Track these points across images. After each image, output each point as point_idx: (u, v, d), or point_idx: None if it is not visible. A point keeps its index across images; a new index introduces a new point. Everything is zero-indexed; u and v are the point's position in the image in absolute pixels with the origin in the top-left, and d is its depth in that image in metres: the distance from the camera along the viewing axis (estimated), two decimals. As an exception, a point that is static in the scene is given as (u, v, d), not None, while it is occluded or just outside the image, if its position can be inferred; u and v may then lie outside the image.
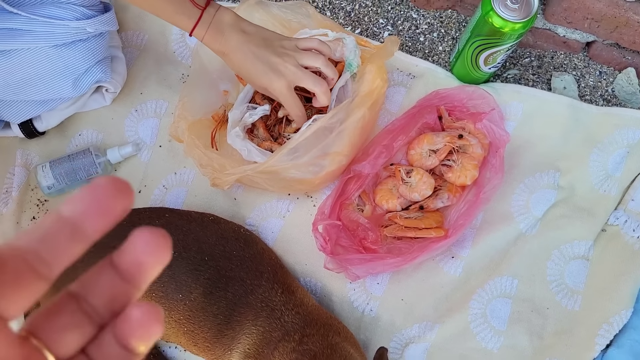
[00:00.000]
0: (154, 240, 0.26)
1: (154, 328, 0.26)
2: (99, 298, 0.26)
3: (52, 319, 0.26)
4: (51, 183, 0.94)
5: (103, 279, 0.26)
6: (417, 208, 0.90)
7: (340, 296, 0.90)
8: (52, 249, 0.24)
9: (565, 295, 0.88)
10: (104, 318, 0.27)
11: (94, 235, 0.25)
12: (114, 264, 0.26)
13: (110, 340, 0.27)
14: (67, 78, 0.87)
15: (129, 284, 0.27)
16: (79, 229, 0.24)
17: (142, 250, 0.26)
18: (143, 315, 0.26)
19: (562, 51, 1.01)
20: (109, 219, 0.25)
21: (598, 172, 0.92)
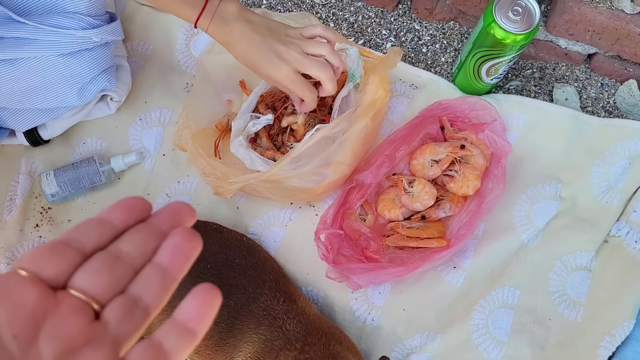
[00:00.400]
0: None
1: (193, 249, 0.28)
2: (133, 246, 0.29)
3: (84, 266, 0.28)
4: (55, 191, 0.94)
5: (137, 233, 0.29)
6: (419, 218, 0.90)
7: (342, 305, 0.90)
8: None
9: (568, 306, 0.87)
10: (138, 262, 0.29)
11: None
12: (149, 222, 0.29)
13: (148, 273, 0.28)
14: (72, 87, 0.88)
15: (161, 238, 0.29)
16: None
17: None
18: (182, 238, 0.28)
19: (563, 63, 1.01)
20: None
21: (600, 184, 0.92)
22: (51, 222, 0.97)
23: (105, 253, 0.28)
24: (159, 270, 0.28)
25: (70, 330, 0.26)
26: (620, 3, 0.84)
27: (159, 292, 0.28)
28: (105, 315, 0.27)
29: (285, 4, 1.07)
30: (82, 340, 0.26)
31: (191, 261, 0.29)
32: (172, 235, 0.29)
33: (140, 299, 0.27)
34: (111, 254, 0.28)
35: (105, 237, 0.29)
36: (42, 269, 0.27)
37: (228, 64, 0.95)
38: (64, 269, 0.27)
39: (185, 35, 1.04)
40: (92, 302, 0.27)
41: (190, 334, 0.27)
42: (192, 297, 0.28)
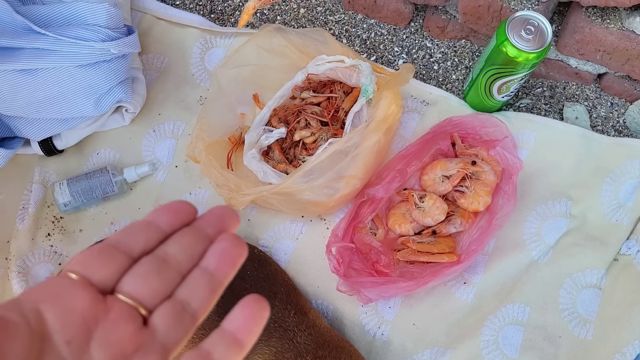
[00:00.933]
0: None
1: (239, 255, 0.29)
2: (180, 250, 0.29)
3: (132, 271, 0.28)
4: (67, 200, 0.95)
5: (183, 236, 0.29)
6: (430, 233, 0.91)
7: (351, 319, 0.90)
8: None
9: (578, 324, 0.87)
10: (185, 267, 0.29)
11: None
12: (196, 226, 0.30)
13: (195, 277, 0.28)
14: (89, 97, 0.89)
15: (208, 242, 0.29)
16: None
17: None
18: (229, 243, 0.29)
19: (574, 82, 1.02)
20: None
21: (610, 202, 0.92)
22: (63, 232, 0.97)
23: (152, 257, 0.28)
24: (206, 274, 0.28)
25: (121, 336, 0.26)
26: (631, 24, 0.86)
27: (207, 297, 0.28)
28: (153, 321, 0.27)
29: (299, 20, 1.09)
30: (133, 347, 0.26)
31: (237, 267, 0.29)
32: (219, 240, 0.29)
33: (187, 304, 0.27)
34: (158, 257, 0.28)
35: (153, 240, 0.29)
36: (92, 272, 0.27)
37: (242, 78, 0.97)
38: (113, 273, 0.27)
39: (200, 49, 1.06)
40: (141, 307, 0.27)
41: (238, 344, 0.27)
42: (241, 307, 0.28)
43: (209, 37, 1.06)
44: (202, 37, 1.06)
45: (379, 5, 1.05)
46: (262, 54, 0.96)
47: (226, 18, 1.10)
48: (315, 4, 1.10)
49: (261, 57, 0.96)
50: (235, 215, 0.31)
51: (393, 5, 1.03)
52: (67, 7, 0.87)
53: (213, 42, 1.06)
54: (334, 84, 0.96)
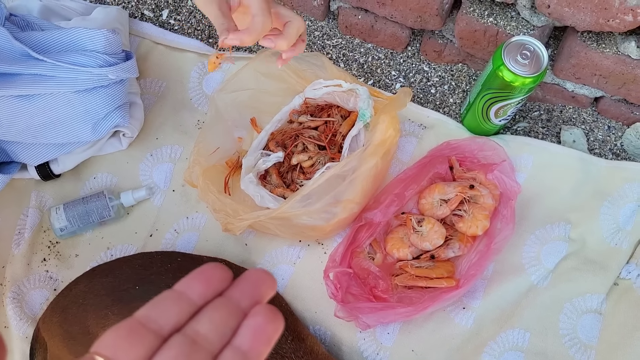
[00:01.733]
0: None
1: (275, 331, 0.27)
2: (211, 328, 0.27)
3: (161, 354, 0.26)
4: (64, 225, 0.94)
5: (215, 311, 0.28)
6: (428, 257, 0.90)
7: (349, 345, 0.89)
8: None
9: (579, 349, 0.86)
10: (217, 346, 0.27)
11: None
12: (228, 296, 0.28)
13: (227, 358, 0.27)
14: (87, 122, 0.89)
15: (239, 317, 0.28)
16: None
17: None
18: (263, 318, 0.27)
19: (570, 105, 1.02)
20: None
21: (609, 225, 0.92)
22: (58, 257, 0.96)
23: (182, 337, 0.26)
24: (238, 355, 0.27)
25: None
26: (626, 49, 0.86)
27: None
28: None
29: (296, 44, 1.10)
30: None
31: (272, 344, 0.27)
32: (252, 314, 0.27)
33: None
34: (189, 338, 0.26)
35: (183, 315, 0.27)
36: (119, 355, 0.25)
37: (240, 102, 0.97)
38: (142, 355, 0.26)
39: (198, 74, 1.06)
40: None
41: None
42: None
43: (207, 62, 1.06)
44: (200, 61, 1.07)
45: (376, 30, 1.05)
46: (259, 79, 0.96)
47: (224, 43, 1.11)
48: (313, 28, 1.10)
49: (259, 82, 0.96)
50: (272, 279, 0.29)
51: (390, 29, 1.04)
52: (65, 33, 0.88)
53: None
54: (332, 108, 0.97)
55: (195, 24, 1.12)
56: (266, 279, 0.29)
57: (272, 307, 0.28)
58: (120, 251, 0.96)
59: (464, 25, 0.95)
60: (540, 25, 0.90)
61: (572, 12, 0.83)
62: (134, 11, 1.13)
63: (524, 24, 0.91)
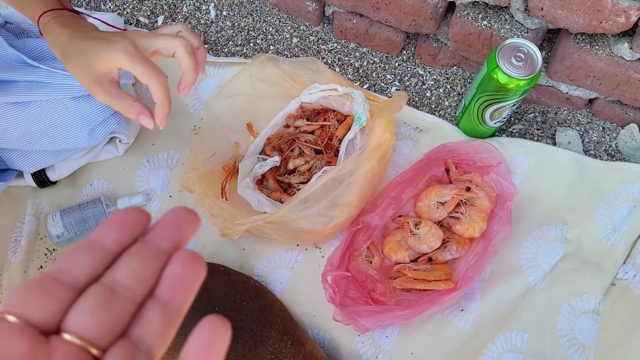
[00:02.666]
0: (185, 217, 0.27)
1: (195, 278, 0.26)
2: (130, 275, 0.25)
3: (78, 306, 0.24)
4: (61, 232, 0.94)
5: (133, 257, 0.26)
6: (426, 260, 0.90)
7: (348, 349, 0.89)
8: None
9: (577, 350, 0.86)
10: (138, 293, 0.25)
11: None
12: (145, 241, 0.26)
13: (149, 311, 0.25)
14: (83, 129, 0.89)
15: (161, 262, 0.26)
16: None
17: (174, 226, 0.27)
18: (182, 266, 0.26)
19: (565, 107, 1.03)
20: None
21: (605, 226, 0.92)
22: (55, 264, 0.96)
23: (99, 287, 0.25)
24: (159, 305, 0.25)
25: None
26: (619, 50, 0.87)
27: (162, 331, 0.25)
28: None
29: (292, 49, 1.10)
30: None
31: (194, 291, 0.26)
32: (172, 261, 0.26)
33: (142, 341, 0.25)
34: (106, 287, 0.25)
35: (99, 264, 0.25)
36: (31, 312, 0.23)
37: (236, 107, 0.97)
38: (56, 310, 0.24)
39: (194, 79, 1.06)
40: (90, 347, 0.24)
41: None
42: (197, 334, 0.25)
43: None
44: (196, 67, 1.07)
45: (370, 34, 1.06)
46: (255, 84, 0.97)
47: (219, 48, 1.11)
48: (308, 33, 1.11)
49: (255, 87, 0.97)
50: (194, 216, 0.27)
51: (385, 33, 1.04)
52: (61, 40, 0.88)
53: (207, 72, 1.07)
54: (328, 112, 0.97)
55: (191, 30, 1.12)
56: (187, 217, 0.27)
57: (191, 252, 0.26)
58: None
59: (458, 28, 0.95)
60: (534, 27, 0.91)
61: (565, 15, 0.84)
62: (129, 18, 1.13)
63: (518, 27, 0.92)
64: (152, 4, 1.14)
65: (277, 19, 1.12)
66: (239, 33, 1.12)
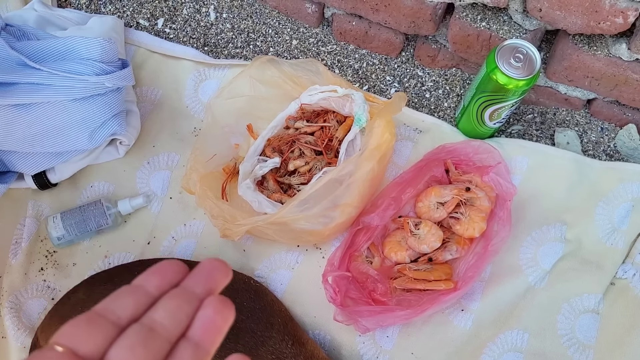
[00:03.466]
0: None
1: (224, 321, 0.29)
2: (167, 316, 0.28)
3: (119, 342, 0.27)
4: (61, 234, 0.94)
5: (171, 300, 0.29)
6: (426, 260, 0.90)
7: (349, 349, 0.89)
8: None
9: (577, 349, 0.87)
10: (173, 334, 0.28)
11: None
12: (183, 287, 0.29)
13: (181, 350, 0.28)
14: (83, 131, 0.89)
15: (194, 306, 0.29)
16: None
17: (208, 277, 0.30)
18: (213, 310, 0.29)
19: (564, 108, 1.04)
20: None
21: (604, 225, 0.93)
22: (56, 266, 0.96)
23: (139, 326, 0.27)
24: (191, 346, 0.28)
25: None
26: (617, 51, 0.87)
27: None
28: None
29: (291, 51, 1.10)
30: None
31: (223, 333, 0.29)
32: (204, 306, 0.29)
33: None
34: (145, 326, 0.27)
35: (141, 306, 0.28)
36: (78, 344, 0.26)
37: (236, 109, 0.97)
38: (100, 344, 0.27)
39: (194, 81, 1.07)
40: None
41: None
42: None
43: (203, 69, 1.07)
44: (196, 69, 1.07)
45: (370, 36, 1.06)
46: (255, 85, 0.97)
47: (219, 50, 1.11)
48: (308, 35, 1.11)
49: (255, 88, 0.97)
50: (225, 267, 0.31)
51: (384, 35, 1.05)
52: (62, 42, 0.88)
53: (207, 74, 1.07)
54: (327, 114, 0.97)
55: (191, 32, 1.12)
56: (220, 267, 0.30)
57: (222, 298, 0.29)
58: (118, 259, 0.96)
59: (457, 30, 0.96)
60: (533, 28, 0.91)
61: (563, 16, 0.84)
62: (129, 20, 1.13)
63: (517, 28, 0.92)
64: (152, 6, 1.14)
65: (276, 21, 1.12)
66: (238, 35, 1.12)
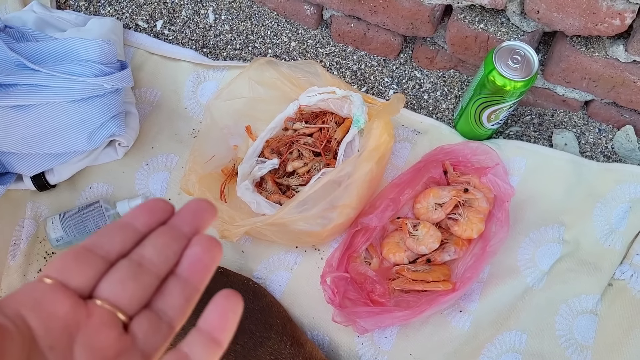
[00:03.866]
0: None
1: (212, 259, 0.29)
2: (155, 252, 0.29)
3: (109, 276, 0.27)
4: (60, 235, 0.94)
5: (159, 237, 0.29)
6: (424, 261, 0.91)
7: (347, 350, 0.89)
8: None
9: (575, 350, 0.87)
10: (162, 269, 0.29)
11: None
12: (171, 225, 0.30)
13: (170, 286, 0.28)
14: (82, 132, 0.89)
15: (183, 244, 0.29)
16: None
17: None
18: (201, 248, 0.29)
19: (561, 109, 1.04)
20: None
21: (602, 227, 0.93)
22: (55, 267, 0.96)
23: (128, 261, 0.28)
24: (180, 282, 0.29)
25: (104, 342, 0.26)
26: (614, 52, 0.88)
27: (182, 305, 0.28)
28: (133, 329, 0.27)
29: (290, 53, 1.11)
30: (114, 353, 0.26)
31: (212, 270, 0.29)
32: (192, 244, 0.29)
33: (164, 312, 0.28)
34: (134, 261, 0.28)
35: (129, 241, 0.29)
36: (69, 278, 0.27)
37: (235, 110, 0.98)
38: (90, 278, 0.27)
39: (193, 83, 1.07)
40: (120, 313, 0.27)
41: (215, 343, 0.28)
42: (213, 305, 0.28)
43: (202, 71, 1.07)
44: (195, 70, 1.08)
45: (368, 38, 1.07)
46: (254, 87, 0.97)
47: (218, 52, 1.12)
48: (306, 37, 1.11)
49: (253, 90, 0.97)
50: (212, 207, 0.31)
51: (382, 37, 1.05)
52: (61, 44, 0.88)
53: (205, 76, 1.07)
54: (326, 115, 0.97)
55: (190, 34, 1.13)
56: (206, 207, 0.30)
57: (210, 237, 0.29)
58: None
59: (455, 31, 0.96)
60: (530, 30, 0.92)
61: (561, 17, 0.84)
62: (128, 22, 1.14)
63: (514, 30, 0.92)
64: (151, 8, 1.14)
65: (275, 22, 1.13)
66: (237, 37, 1.12)
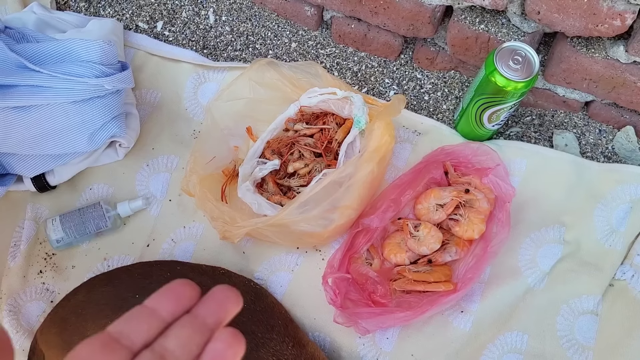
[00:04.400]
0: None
1: (234, 354, 0.29)
2: (178, 345, 0.29)
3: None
4: (60, 237, 0.94)
5: (182, 328, 0.29)
6: (426, 262, 0.91)
7: (349, 351, 0.89)
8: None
9: (577, 351, 0.87)
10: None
11: None
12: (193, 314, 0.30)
13: None
14: (83, 133, 0.89)
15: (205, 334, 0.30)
16: None
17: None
18: (223, 344, 0.29)
19: (562, 110, 1.04)
20: None
21: (603, 227, 0.93)
22: (55, 269, 0.96)
23: (151, 353, 0.28)
24: None
25: None
26: (615, 53, 0.88)
27: None
28: None
29: (290, 54, 1.11)
30: None
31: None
32: (215, 339, 0.29)
33: None
34: (157, 353, 0.28)
35: (153, 331, 0.29)
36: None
37: (235, 111, 0.98)
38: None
39: (193, 84, 1.07)
40: None
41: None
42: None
43: (202, 72, 1.07)
44: (195, 72, 1.08)
45: (369, 39, 1.07)
46: (255, 88, 0.97)
47: (219, 53, 1.12)
48: (307, 38, 1.12)
49: (254, 91, 0.97)
50: (236, 295, 0.31)
51: (383, 38, 1.05)
52: (61, 45, 0.88)
53: (206, 77, 1.07)
54: (327, 116, 0.97)
55: (190, 35, 1.13)
56: (231, 296, 0.31)
57: (234, 331, 0.29)
58: (117, 262, 0.96)
59: (455, 32, 0.96)
60: (531, 31, 0.92)
61: (561, 18, 0.85)
62: (128, 23, 1.14)
63: (515, 31, 0.93)
64: (151, 9, 1.14)
65: (275, 24, 1.13)
66: (238, 38, 1.12)
